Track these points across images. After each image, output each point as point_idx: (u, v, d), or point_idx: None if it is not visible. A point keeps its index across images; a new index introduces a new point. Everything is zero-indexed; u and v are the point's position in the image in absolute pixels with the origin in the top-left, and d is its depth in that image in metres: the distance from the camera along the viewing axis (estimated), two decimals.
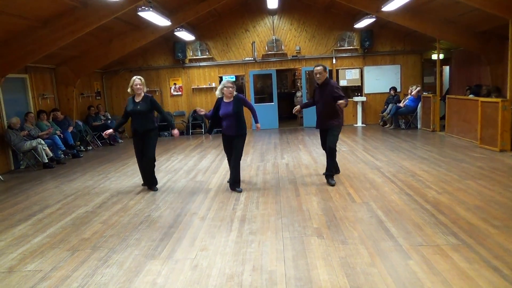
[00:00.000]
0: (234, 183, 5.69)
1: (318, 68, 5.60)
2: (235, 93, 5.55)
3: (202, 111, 5.82)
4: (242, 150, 5.64)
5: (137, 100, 5.75)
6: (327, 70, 5.75)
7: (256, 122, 5.82)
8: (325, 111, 5.67)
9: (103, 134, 5.70)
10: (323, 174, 6.10)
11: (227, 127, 5.54)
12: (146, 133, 5.76)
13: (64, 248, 3.93)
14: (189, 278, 3.18)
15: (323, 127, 5.82)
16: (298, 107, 6.33)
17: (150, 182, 6.03)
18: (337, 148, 6.00)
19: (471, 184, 5.37)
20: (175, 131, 6.02)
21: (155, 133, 5.89)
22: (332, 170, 5.85)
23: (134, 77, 5.76)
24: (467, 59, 11.21)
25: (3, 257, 3.80)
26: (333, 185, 5.64)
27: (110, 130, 6.00)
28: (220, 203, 5.19)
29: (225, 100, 5.52)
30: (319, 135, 6.15)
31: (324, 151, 6.09)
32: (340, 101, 5.34)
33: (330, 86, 5.57)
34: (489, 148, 7.69)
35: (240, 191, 5.62)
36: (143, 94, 5.78)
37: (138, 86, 5.69)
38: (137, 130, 5.78)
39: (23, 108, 9.14)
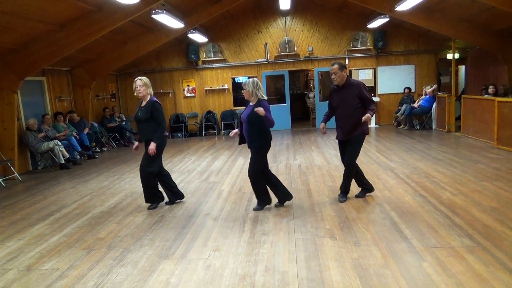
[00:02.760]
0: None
1: (334, 67, 4.66)
2: (260, 96, 4.57)
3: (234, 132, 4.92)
4: (257, 165, 4.69)
5: (142, 105, 4.97)
6: (346, 68, 4.81)
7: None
8: (348, 117, 4.71)
9: (149, 151, 4.88)
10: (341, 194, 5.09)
11: (243, 133, 4.74)
12: (147, 144, 4.96)
13: (80, 247, 4.01)
14: (202, 278, 3.21)
15: (347, 137, 4.79)
16: (323, 124, 5.00)
17: (147, 197, 5.21)
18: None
19: (487, 186, 5.28)
20: (152, 146, 4.84)
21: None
22: (348, 188, 5.03)
23: (136, 78, 4.97)
24: (484, 59, 11.01)
25: (22, 256, 3.90)
26: (343, 201, 4.95)
27: (136, 144, 5.22)
28: (232, 204, 5.22)
29: (250, 103, 4.66)
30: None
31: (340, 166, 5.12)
32: (366, 116, 4.52)
33: (355, 87, 4.70)
34: (506, 149, 7.54)
35: (255, 209, 4.86)
36: (148, 98, 4.96)
37: (138, 88, 4.87)
38: (140, 140, 5.13)
39: (41, 110, 9.35)
